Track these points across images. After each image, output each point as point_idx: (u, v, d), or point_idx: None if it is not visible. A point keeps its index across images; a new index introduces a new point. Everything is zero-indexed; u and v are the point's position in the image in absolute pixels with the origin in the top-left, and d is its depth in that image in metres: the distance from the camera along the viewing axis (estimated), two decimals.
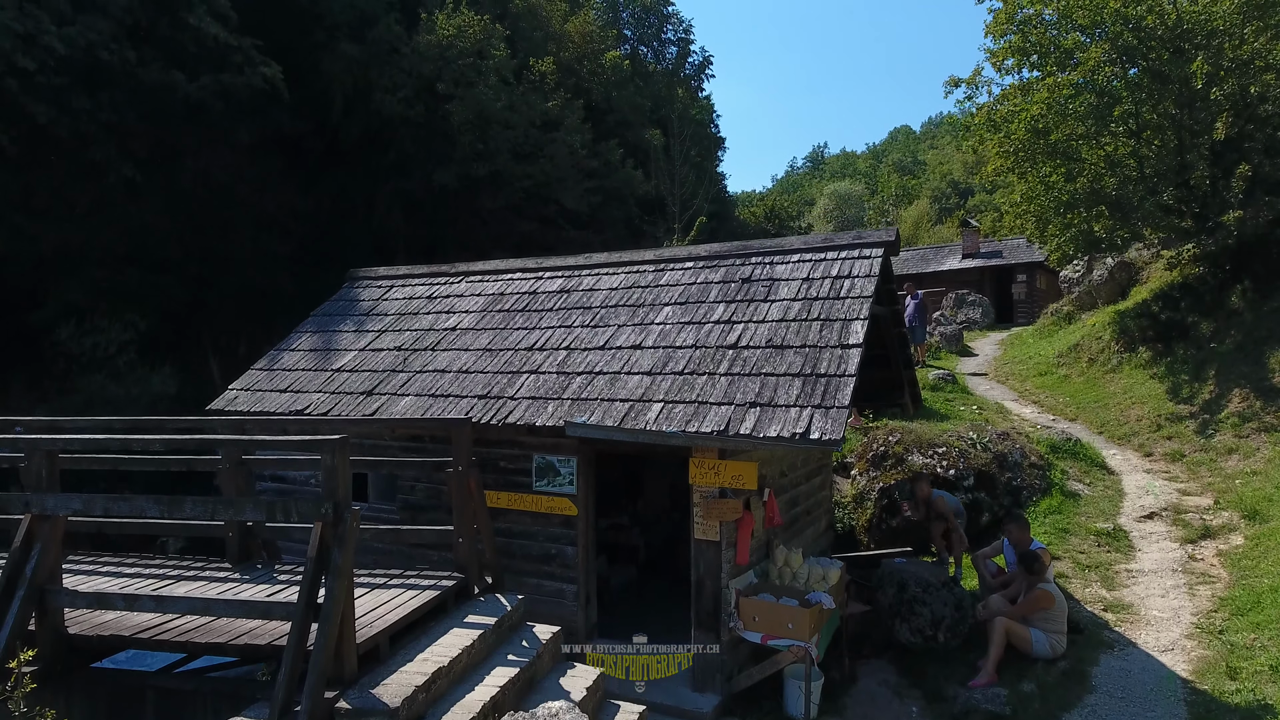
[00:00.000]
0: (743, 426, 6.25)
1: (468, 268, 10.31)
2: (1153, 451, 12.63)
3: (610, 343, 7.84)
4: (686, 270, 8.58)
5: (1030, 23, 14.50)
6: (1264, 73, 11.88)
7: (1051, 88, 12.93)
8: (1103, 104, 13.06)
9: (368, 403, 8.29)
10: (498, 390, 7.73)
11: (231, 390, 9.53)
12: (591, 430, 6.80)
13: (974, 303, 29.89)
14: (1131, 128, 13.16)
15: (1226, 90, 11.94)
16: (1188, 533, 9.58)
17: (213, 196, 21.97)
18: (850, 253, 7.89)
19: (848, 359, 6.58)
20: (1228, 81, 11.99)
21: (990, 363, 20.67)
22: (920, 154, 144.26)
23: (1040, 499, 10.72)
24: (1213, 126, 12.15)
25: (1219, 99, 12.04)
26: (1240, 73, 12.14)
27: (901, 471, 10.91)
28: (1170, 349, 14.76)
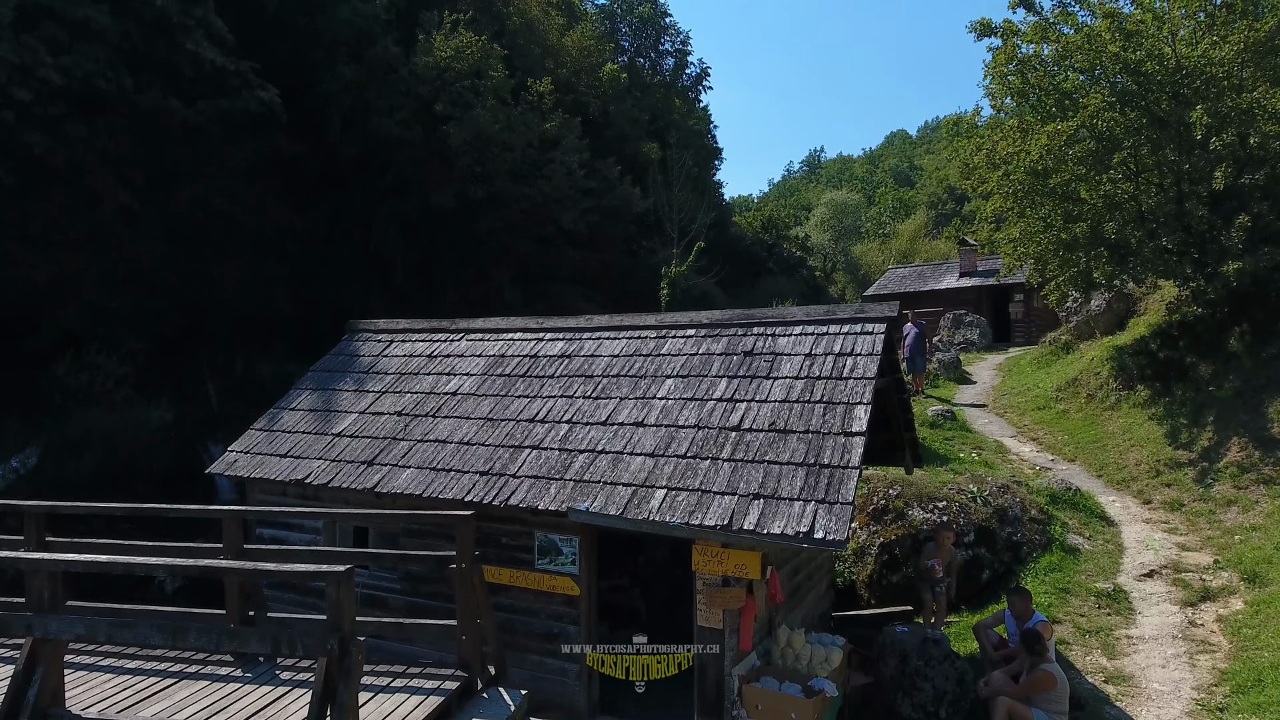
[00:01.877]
0: (746, 521, 6.24)
1: (468, 324, 10.29)
2: (1152, 499, 12.66)
3: (612, 418, 7.82)
4: (688, 339, 8.57)
5: (1030, 63, 14.52)
6: (1263, 122, 11.91)
7: (1051, 134, 12.95)
8: (1102, 149, 13.09)
9: (369, 474, 8.25)
10: (499, 466, 7.71)
11: (231, 452, 9.50)
12: (594, 518, 6.79)
13: (971, 323, 29.95)
14: (1131, 170, 13.19)
15: (1226, 140, 11.97)
16: (1188, 595, 9.60)
17: (209, 220, 21.90)
18: (853, 327, 7.89)
19: (851, 448, 6.58)
20: (1227, 131, 12.02)
21: (989, 392, 20.70)
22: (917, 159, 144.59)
23: (1041, 555, 10.73)
24: (1212, 175, 12.18)
25: (1218, 148, 12.07)
26: (1240, 121, 12.18)
27: (902, 526, 10.92)
28: (1169, 389, 14.79)
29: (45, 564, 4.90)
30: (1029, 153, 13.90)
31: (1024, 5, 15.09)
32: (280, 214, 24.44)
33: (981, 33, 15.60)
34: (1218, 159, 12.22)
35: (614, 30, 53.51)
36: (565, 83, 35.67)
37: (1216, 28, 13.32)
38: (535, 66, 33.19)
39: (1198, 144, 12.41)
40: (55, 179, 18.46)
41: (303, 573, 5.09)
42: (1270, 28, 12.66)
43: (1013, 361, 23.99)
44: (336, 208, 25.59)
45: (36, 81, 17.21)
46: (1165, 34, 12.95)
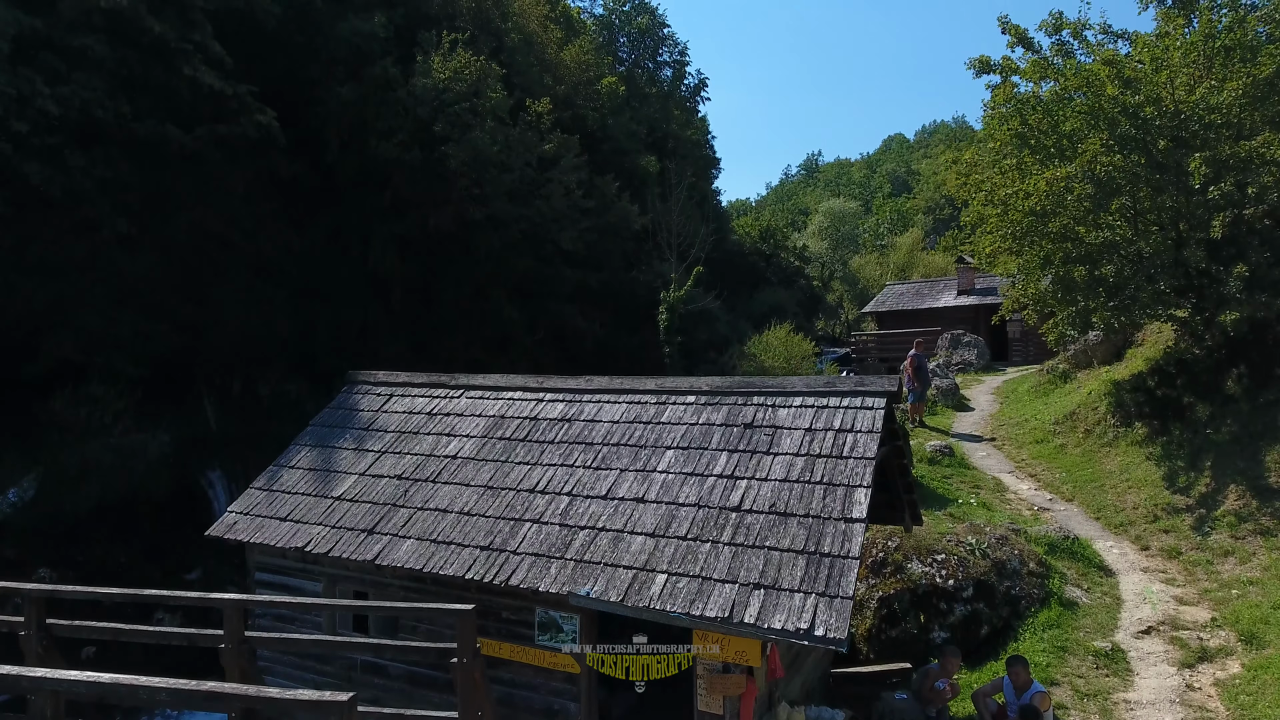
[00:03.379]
0: (747, 613, 6.25)
1: (468, 381, 10.28)
2: (1149, 545, 12.68)
3: (613, 492, 7.83)
4: (688, 407, 8.58)
5: (1028, 103, 14.54)
6: (1262, 172, 11.94)
7: (1050, 181, 12.98)
8: (1101, 193, 13.12)
9: (369, 543, 8.26)
10: (500, 541, 7.72)
11: (231, 514, 9.50)
12: (595, 604, 6.80)
13: (969, 343, 29.99)
14: (1130, 215, 13.23)
15: (1224, 188, 12.01)
16: (1185, 655, 9.62)
17: (207, 243, 21.94)
18: (853, 401, 7.90)
19: (852, 536, 6.59)
20: (1226, 179, 12.06)
21: (986, 421, 20.74)
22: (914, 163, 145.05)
23: (1039, 610, 10.74)
24: (1210, 222, 12.23)
25: (1216, 196, 12.11)
26: (1239, 169, 12.21)
27: (901, 581, 10.94)
28: (1166, 428, 14.82)
29: (47, 683, 4.88)
30: (1028, 193, 13.92)
31: (1022, 44, 15.13)
32: (278, 234, 24.48)
33: (980, 70, 15.64)
34: (1216, 207, 12.26)
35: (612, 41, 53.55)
36: (563, 99, 35.72)
37: (1215, 71, 13.36)
38: (534, 84, 33.20)
39: (1196, 191, 12.45)
40: (52, 207, 18.45)
41: (305, 701, 5.07)
42: (1270, 73, 12.71)
43: (1011, 387, 24.03)
44: (335, 226, 25.63)
45: (34, 112, 17.19)
46: (1164, 79, 12.98)
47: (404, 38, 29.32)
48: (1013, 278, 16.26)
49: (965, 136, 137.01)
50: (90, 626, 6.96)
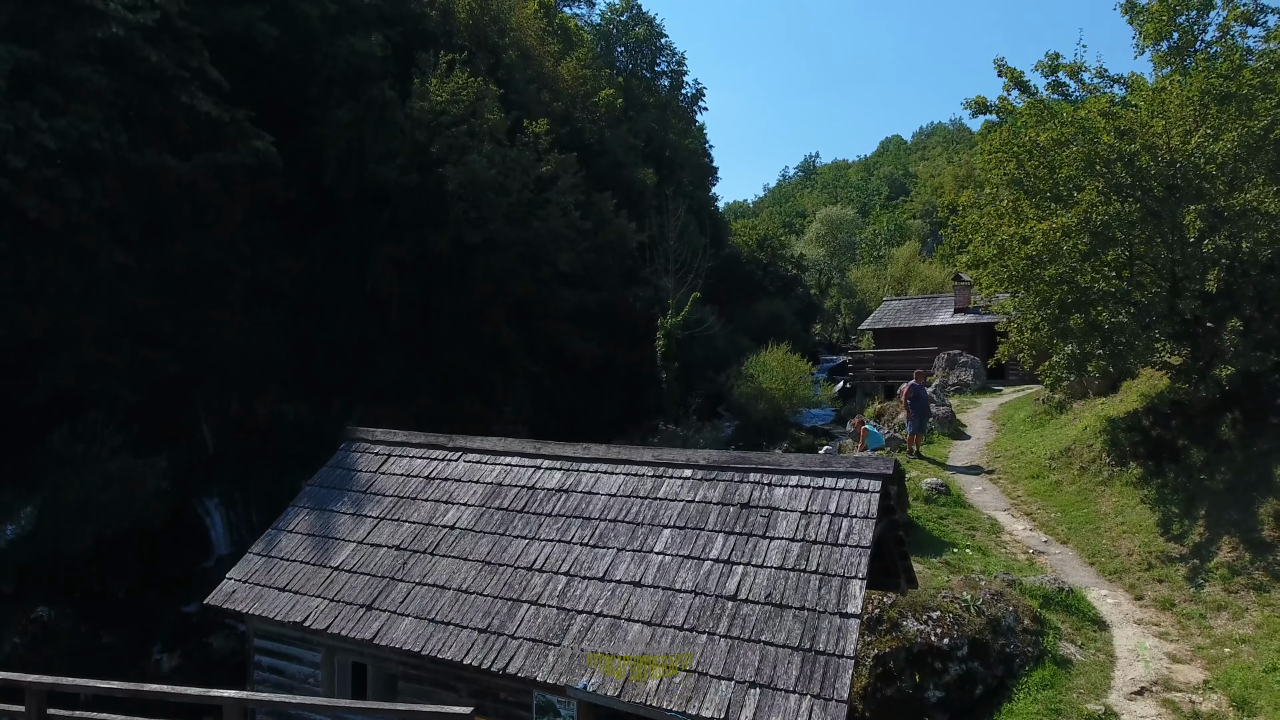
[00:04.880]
0: (743, 714, 6.31)
1: (466, 444, 10.33)
2: (1143, 595, 12.75)
3: (609, 574, 7.88)
4: (685, 482, 8.62)
5: (1025, 148, 14.60)
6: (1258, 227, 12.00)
7: (1046, 232, 13.05)
8: (1097, 242, 13.19)
9: (368, 619, 8.31)
10: (498, 624, 7.77)
11: (229, 580, 9.55)
12: (592, 697, 6.85)
13: (965, 364, 30.10)
14: (1125, 265, 13.30)
15: (1219, 242, 12.08)
16: (1178, 719, 9.69)
17: (204, 269, 21.94)
18: (849, 483, 7.95)
19: (847, 633, 6.65)
20: (1221, 232, 12.13)
21: (982, 451, 20.82)
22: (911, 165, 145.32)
23: (1033, 669, 10.80)
24: (1205, 277, 12.30)
25: (1211, 250, 12.18)
26: (1235, 221, 12.28)
27: (896, 638, 10.99)
28: (1161, 470, 14.90)
29: None
30: (1026, 238, 13.99)
31: (1018, 86, 15.18)
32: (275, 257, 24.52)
33: (977, 110, 15.71)
34: (1211, 260, 12.33)
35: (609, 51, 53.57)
36: (561, 114, 35.76)
37: (1210, 119, 13.42)
38: (531, 101, 33.22)
39: (1191, 244, 12.52)
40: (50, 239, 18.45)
41: None
42: (1265, 124, 12.77)
43: (1007, 413, 24.11)
44: (333, 248, 25.68)
45: (31, 146, 17.20)
46: (1160, 128, 13.04)
47: (402, 56, 29.33)
48: (1009, 315, 16.33)
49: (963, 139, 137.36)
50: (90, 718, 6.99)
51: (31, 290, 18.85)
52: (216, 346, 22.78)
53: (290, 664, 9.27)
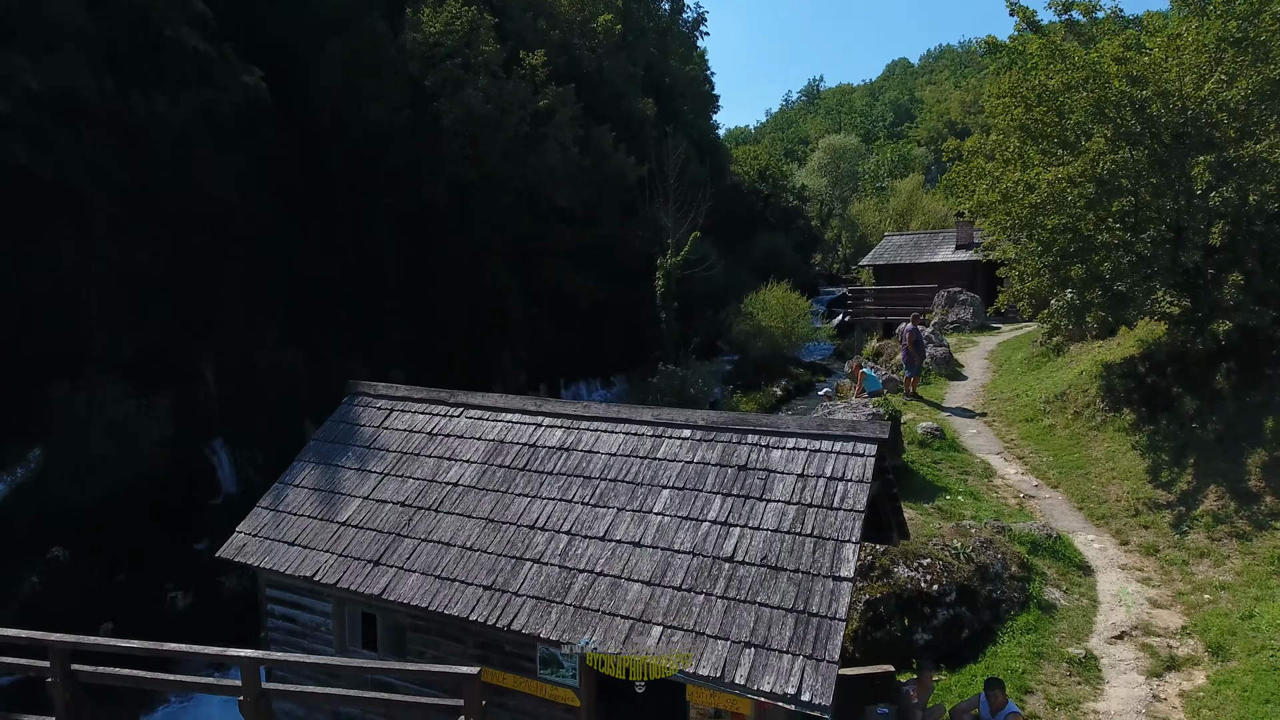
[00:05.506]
0: (738, 674, 6.60)
1: (467, 399, 10.44)
2: (1129, 540, 13.12)
3: (610, 533, 8.10)
4: (684, 442, 8.77)
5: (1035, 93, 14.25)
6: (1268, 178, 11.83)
7: (1051, 182, 12.86)
8: (1102, 193, 13.03)
9: (375, 575, 8.59)
10: (502, 581, 8.03)
11: (240, 534, 9.81)
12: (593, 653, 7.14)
13: (965, 301, 30.07)
14: (1130, 216, 13.17)
15: (1225, 194, 11.93)
16: (1154, 664, 10.12)
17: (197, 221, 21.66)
18: (844, 446, 8.09)
19: (839, 595, 6.89)
20: (1228, 184, 11.97)
21: (979, 393, 21.03)
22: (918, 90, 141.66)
23: (1018, 614, 11.21)
24: (1209, 230, 12.19)
25: (1217, 204, 12.05)
26: (1244, 174, 12.10)
27: (887, 585, 11.38)
28: (1154, 417, 15.11)
29: None
30: (1031, 186, 13.82)
31: (1031, 27, 14.74)
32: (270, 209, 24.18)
33: (990, 50, 15.30)
34: (1217, 214, 12.21)
35: None
36: (558, 44, 34.68)
37: (1225, 65, 13.07)
38: (527, 30, 32.17)
39: (1197, 196, 12.37)
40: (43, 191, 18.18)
41: None
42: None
43: (1005, 353, 24.23)
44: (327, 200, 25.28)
45: (17, 90, 16.78)
46: (1174, 75, 12.71)
47: None
48: (1010, 261, 16.27)
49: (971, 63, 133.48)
50: (114, 674, 7.31)
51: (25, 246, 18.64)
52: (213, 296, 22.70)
53: (302, 613, 9.61)
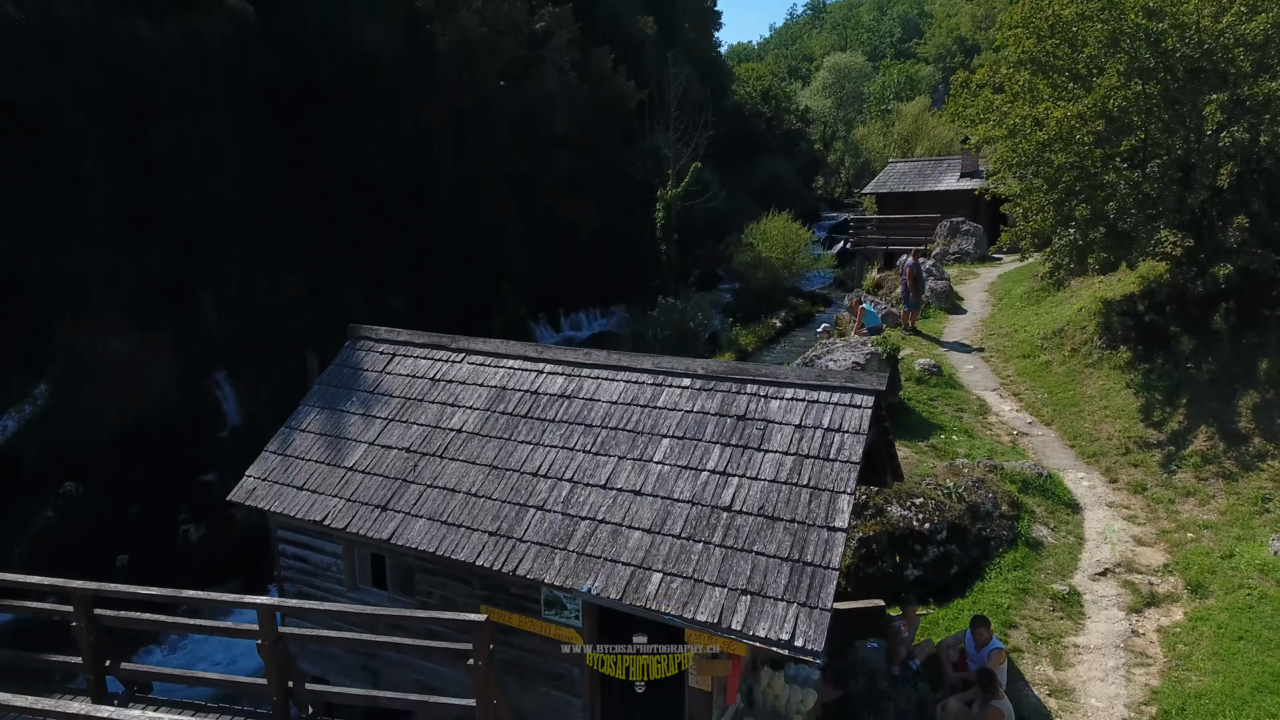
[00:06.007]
0: (734, 620, 6.89)
1: (468, 345, 10.50)
2: (1118, 478, 13.43)
3: (611, 482, 8.30)
4: (684, 391, 8.89)
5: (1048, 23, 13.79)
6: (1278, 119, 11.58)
7: (1060, 120, 12.58)
8: (1111, 130, 12.78)
9: (383, 520, 8.83)
10: (506, 527, 8.27)
11: (249, 479, 10.01)
12: (596, 599, 7.44)
13: (968, 232, 29.80)
14: (1140, 154, 12.94)
15: (1236, 134, 11.70)
16: (1135, 600, 10.52)
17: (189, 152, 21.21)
18: (842, 398, 8.22)
19: (833, 545, 7.13)
20: (1240, 124, 11.73)
21: (977, 328, 21.09)
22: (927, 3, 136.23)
23: (1006, 551, 11.58)
24: (1218, 171, 12.00)
25: (1227, 144, 11.82)
26: (1257, 112, 11.84)
27: (880, 523, 11.70)
28: (1150, 355, 15.23)
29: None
30: (1039, 122, 13.55)
31: None
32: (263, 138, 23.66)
33: None
34: (1226, 154, 11.99)
35: None
36: None
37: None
38: None
39: (1208, 135, 12.13)
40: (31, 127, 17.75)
41: None
42: None
43: (1005, 286, 24.17)
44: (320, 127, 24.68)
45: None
46: (1191, 7, 12.28)
47: None
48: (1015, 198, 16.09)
49: None
50: (135, 619, 7.62)
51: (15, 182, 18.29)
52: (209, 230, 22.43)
53: (313, 554, 9.92)
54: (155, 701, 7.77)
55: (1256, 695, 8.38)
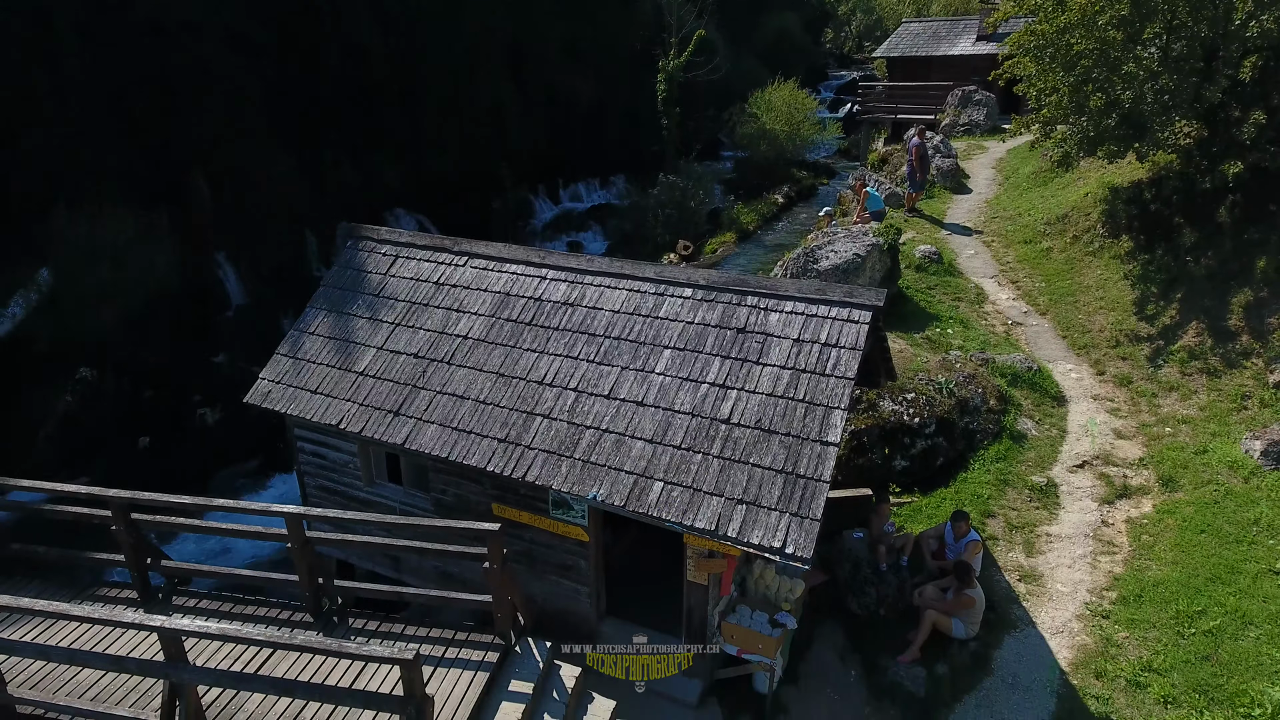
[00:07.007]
0: (730, 528, 7.40)
1: (470, 248, 10.53)
2: (1105, 370, 13.80)
3: (614, 392, 8.62)
4: (685, 301, 9.04)
5: None
6: None
7: (1083, 5, 11.92)
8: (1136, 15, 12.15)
9: (396, 425, 9.22)
10: (515, 434, 8.67)
11: (263, 381, 10.32)
12: (600, 505, 7.95)
13: (979, 102, 28.77)
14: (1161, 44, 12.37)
15: (1265, 26, 11.15)
16: (1108, 492, 11.14)
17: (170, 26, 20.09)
18: (840, 312, 8.39)
19: (825, 459, 7.54)
20: (1269, 15, 11.15)
21: (982, 209, 20.86)
22: None
23: (991, 444, 12.12)
24: (1241, 62, 11.53)
25: (1255, 35, 11.28)
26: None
27: (872, 417, 12.16)
28: (1151, 246, 15.23)
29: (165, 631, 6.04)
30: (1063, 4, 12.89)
31: None
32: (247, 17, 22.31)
33: None
34: (1253, 47, 11.47)
35: None
36: None
37: None
38: None
39: (1235, 26, 11.56)
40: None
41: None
42: None
43: (1013, 163, 23.64)
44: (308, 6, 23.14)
45: None
46: None
47: None
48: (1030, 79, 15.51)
49: None
50: (170, 523, 8.15)
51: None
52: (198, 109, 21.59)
53: (330, 451, 10.40)
54: (195, 594, 8.44)
55: (1209, 585, 9.11)
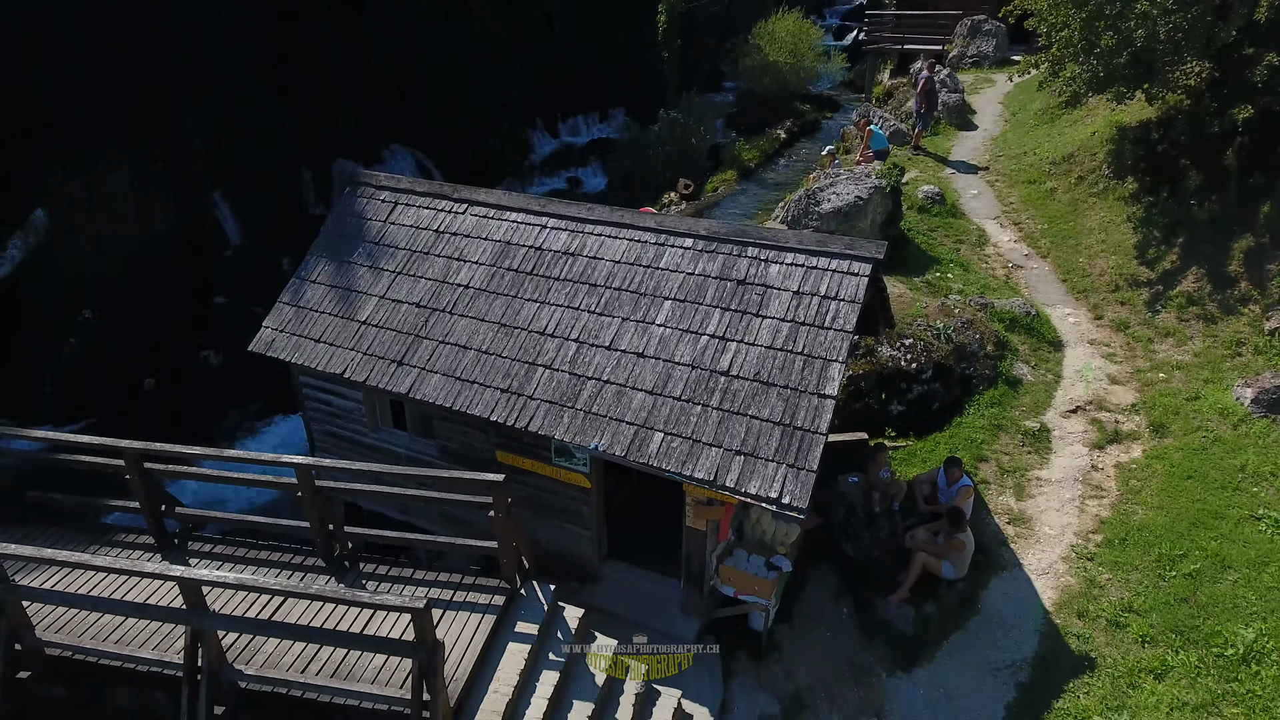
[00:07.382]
0: (729, 478, 7.61)
1: (470, 195, 10.46)
2: (1103, 315, 13.87)
3: (615, 343, 8.72)
4: (686, 252, 9.05)
5: None
6: None
7: None
8: None
9: (400, 374, 9.35)
10: (517, 385, 8.80)
11: (267, 329, 10.40)
12: (601, 454, 8.14)
13: (989, 32, 27.99)
14: None
15: None
16: (1099, 437, 11.35)
17: None
18: (841, 264, 8.43)
19: (822, 412, 7.69)
20: None
21: (987, 146, 20.57)
22: None
23: (986, 389, 12.27)
24: (1257, 3, 11.21)
25: None
26: None
27: (869, 364, 12.30)
28: (1155, 188, 15.08)
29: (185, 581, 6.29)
30: None
31: None
32: None
33: None
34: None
35: None
36: None
37: None
38: None
39: None
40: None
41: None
42: None
43: (1021, 98, 23.12)
44: None
45: None
46: None
47: None
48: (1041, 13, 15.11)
49: None
50: (183, 472, 8.36)
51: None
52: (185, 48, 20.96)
53: (335, 398, 10.55)
54: (210, 539, 8.72)
55: (1192, 530, 9.39)
